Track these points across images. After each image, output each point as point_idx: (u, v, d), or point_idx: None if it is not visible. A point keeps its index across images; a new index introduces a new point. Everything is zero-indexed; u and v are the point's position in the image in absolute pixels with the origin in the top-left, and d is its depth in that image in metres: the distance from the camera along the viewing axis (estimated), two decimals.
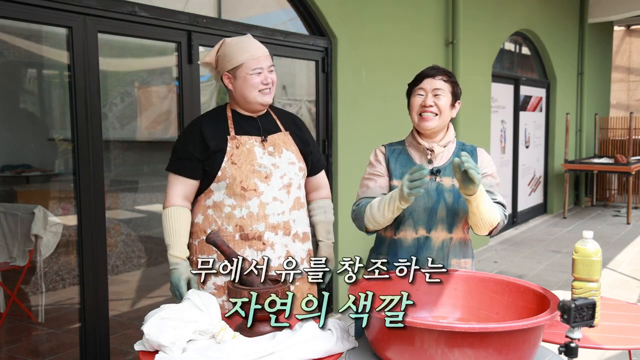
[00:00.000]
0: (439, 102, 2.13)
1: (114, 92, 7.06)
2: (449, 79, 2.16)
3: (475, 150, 2.21)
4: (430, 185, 2.12)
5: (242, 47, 2.26)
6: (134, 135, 7.49)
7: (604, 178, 10.36)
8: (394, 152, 2.22)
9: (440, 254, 2.13)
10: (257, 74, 2.24)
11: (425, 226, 2.13)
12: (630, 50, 14.12)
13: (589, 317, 1.58)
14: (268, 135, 2.31)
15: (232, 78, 2.27)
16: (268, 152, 2.28)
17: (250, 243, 2.24)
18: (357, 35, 4.71)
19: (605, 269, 5.81)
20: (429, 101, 2.13)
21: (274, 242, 2.26)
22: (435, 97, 2.13)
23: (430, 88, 2.14)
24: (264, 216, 2.24)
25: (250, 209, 2.23)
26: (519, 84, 8.12)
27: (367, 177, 2.23)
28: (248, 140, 2.28)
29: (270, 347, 1.64)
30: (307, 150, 2.41)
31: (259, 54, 2.26)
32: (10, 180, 5.84)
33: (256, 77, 2.24)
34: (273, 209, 2.26)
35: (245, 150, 2.25)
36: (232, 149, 2.25)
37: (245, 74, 2.24)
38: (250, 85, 2.25)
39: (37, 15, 2.79)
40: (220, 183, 2.25)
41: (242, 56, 2.24)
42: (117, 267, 5.66)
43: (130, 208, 7.00)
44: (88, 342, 3.08)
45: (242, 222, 2.24)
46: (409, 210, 2.12)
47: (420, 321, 1.51)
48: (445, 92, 2.14)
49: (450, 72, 2.21)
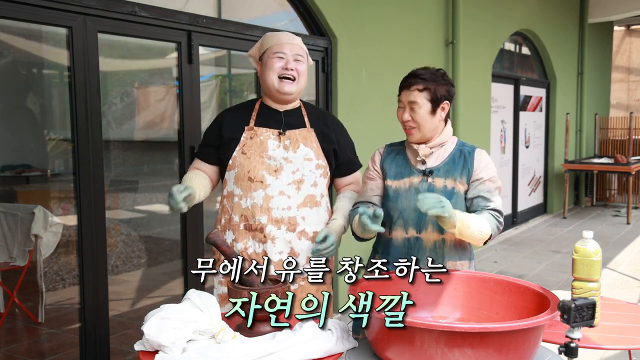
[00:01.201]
0: (415, 116, 2.09)
1: (113, 92, 7.06)
2: (425, 86, 2.06)
3: (473, 151, 2.17)
4: (422, 186, 2.12)
5: (272, 35, 2.33)
6: (134, 135, 7.49)
7: (604, 178, 10.36)
8: (392, 153, 2.24)
9: (433, 255, 2.12)
10: (279, 57, 2.26)
11: (415, 227, 2.13)
12: (630, 50, 14.12)
13: (589, 317, 1.58)
14: (289, 129, 2.30)
15: (262, 65, 2.32)
16: (283, 145, 2.27)
17: (253, 234, 2.26)
18: (357, 35, 4.71)
19: (605, 269, 5.81)
20: (405, 116, 2.11)
21: (275, 236, 2.25)
22: (412, 110, 2.09)
23: (406, 100, 2.10)
24: (268, 209, 2.24)
25: (255, 200, 2.24)
26: (519, 84, 8.12)
27: (364, 179, 2.30)
28: (264, 132, 2.28)
29: (270, 347, 1.64)
30: (330, 148, 2.37)
31: (284, 41, 2.29)
32: (10, 180, 5.84)
33: (277, 61, 2.25)
34: (278, 202, 2.24)
35: (258, 141, 2.26)
36: (246, 139, 2.27)
37: (268, 57, 2.28)
38: (270, 68, 2.26)
39: (37, 15, 2.79)
40: (231, 172, 2.29)
41: (269, 42, 2.30)
42: (117, 267, 5.66)
43: (130, 208, 7.00)
44: (88, 342, 3.08)
45: (247, 212, 2.25)
46: (400, 210, 2.14)
47: (420, 321, 1.51)
48: (422, 102, 2.07)
49: (430, 75, 2.09)
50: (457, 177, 2.12)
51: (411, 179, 2.15)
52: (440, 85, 2.08)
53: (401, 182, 2.17)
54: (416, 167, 2.16)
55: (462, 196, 2.12)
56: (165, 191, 5.81)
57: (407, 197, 2.13)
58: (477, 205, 2.09)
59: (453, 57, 6.01)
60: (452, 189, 2.11)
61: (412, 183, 2.14)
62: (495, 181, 2.15)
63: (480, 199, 2.10)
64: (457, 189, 2.11)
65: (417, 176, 2.14)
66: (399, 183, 2.17)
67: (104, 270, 3.10)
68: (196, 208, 3.57)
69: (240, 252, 2.25)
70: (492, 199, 2.11)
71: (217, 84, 6.68)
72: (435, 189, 2.11)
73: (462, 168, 2.13)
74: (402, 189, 2.15)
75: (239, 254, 2.09)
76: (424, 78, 2.07)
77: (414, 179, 2.14)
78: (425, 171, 2.13)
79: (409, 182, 2.15)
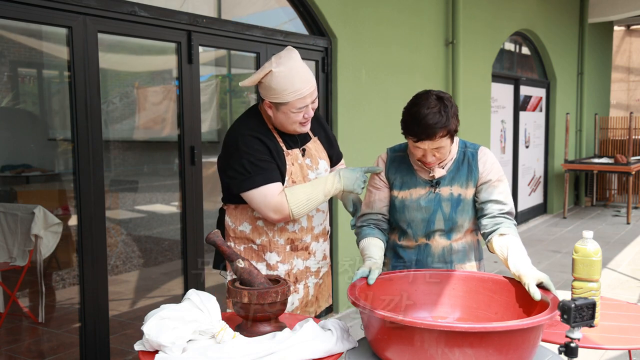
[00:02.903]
0: (441, 155, 2.05)
1: (113, 92, 7.06)
2: (447, 130, 1.98)
3: (476, 153, 2.14)
4: (429, 196, 2.12)
5: (289, 83, 2.10)
6: (134, 135, 7.49)
7: (604, 178, 10.36)
8: (395, 161, 2.20)
9: (441, 258, 2.14)
10: (299, 110, 2.15)
11: (424, 235, 2.15)
12: (630, 50, 14.12)
13: (589, 317, 1.58)
14: (303, 144, 2.31)
15: (274, 109, 2.17)
16: (307, 165, 2.28)
17: (299, 254, 2.30)
18: (357, 36, 4.71)
19: (605, 269, 5.81)
20: (429, 159, 2.04)
21: (316, 250, 2.35)
22: (437, 152, 2.03)
23: (430, 148, 2.01)
24: (311, 228, 2.31)
25: (302, 224, 2.28)
26: (519, 84, 8.12)
27: (369, 188, 2.25)
28: (299, 156, 2.27)
29: (270, 347, 1.64)
30: (332, 152, 2.46)
31: (306, 92, 2.13)
32: (10, 180, 5.84)
33: (299, 115, 2.16)
34: (318, 220, 2.34)
35: (297, 166, 2.25)
36: (290, 166, 2.23)
37: (289, 110, 2.14)
38: (292, 121, 2.18)
39: (37, 15, 2.79)
40: None
41: (289, 95, 2.11)
42: (117, 267, 5.66)
43: (130, 208, 7.00)
44: (88, 342, 3.08)
45: (294, 236, 2.28)
46: (407, 221, 2.15)
47: (420, 321, 1.51)
48: (445, 143, 2.01)
49: (445, 117, 1.97)
50: (463, 183, 2.11)
51: (417, 190, 2.13)
52: (452, 119, 2.00)
53: (407, 192, 2.14)
54: (422, 177, 2.14)
55: (469, 202, 2.12)
56: (165, 191, 5.85)
57: (415, 208, 2.12)
58: (491, 210, 2.07)
59: (453, 57, 6.01)
60: (458, 195, 2.10)
61: (419, 194, 2.13)
62: (503, 179, 2.14)
63: (494, 203, 2.08)
64: (463, 195, 2.11)
65: (424, 187, 2.13)
66: (405, 194, 2.14)
67: (104, 270, 3.10)
68: (196, 208, 3.57)
69: (286, 272, 2.27)
70: (506, 202, 2.09)
71: (217, 84, 6.68)
72: (442, 197, 2.11)
73: (468, 173, 2.11)
74: (408, 200, 2.13)
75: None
76: (444, 125, 1.96)
77: (421, 190, 2.13)
78: (432, 182, 2.12)
79: (416, 193, 2.13)
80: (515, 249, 1.95)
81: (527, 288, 1.77)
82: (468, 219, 2.13)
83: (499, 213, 2.07)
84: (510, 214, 2.09)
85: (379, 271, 1.94)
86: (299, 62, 2.15)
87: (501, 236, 2.01)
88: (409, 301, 1.93)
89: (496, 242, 2.01)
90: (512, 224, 2.06)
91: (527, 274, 1.81)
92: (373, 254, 2.05)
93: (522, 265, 1.87)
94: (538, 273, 1.81)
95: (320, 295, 2.43)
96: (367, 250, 2.08)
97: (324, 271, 2.42)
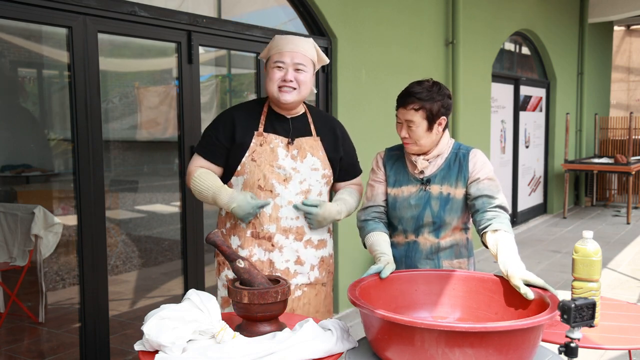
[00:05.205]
0: (412, 134, 2.10)
1: (113, 92, 7.06)
2: (421, 106, 2.06)
3: (468, 153, 2.18)
4: (419, 194, 2.16)
5: (277, 41, 2.24)
6: (134, 135, 7.50)
7: (604, 178, 10.36)
8: (392, 158, 2.26)
9: (430, 255, 2.18)
10: (278, 67, 2.20)
11: (414, 232, 2.19)
12: (630, 50, 14.13)
13: (589, 317, 1.58)
14: (296, 137, 2.28)
15: (266, 71, 2.27)
16: (291, 155, 2.24)
17: (260, 242, 2.24)
18: (357, 36, 4.71)
19: (605, 269, 5.81)
20: (403, 133, 2.13)
21: (283, 245, 2.25)
22: (409, 127, 2.10)
23: (403, 118, 2.11)
24: (277, 218, 2.23)
25: (264, 209, 2.22)
26: (519, 84, 8.12)
27: (371, 183, 2.29)
28: (274, 140, 2.24)
29: (270, 347, 1.64)
30: (336, 158, 2.36)
31: (286, 49, 2.20)
32: (10, 180, 5.85)
33: (277, 72, 2.20)
34: (287, 212, 2.24)
35: (268, 149, 2.23)
36: (256, 145, 2.23)
37: (269, 66, 2.23)
38: (269, 78, 2.22)
39: (37, 15, 2.79)
40: (239, 178, 2.25)
41: (272, 49, 2.24)
42: (117, 267, 5.66)
43: (130, 208, 7.00)
44: (88, 342, 3.08)
45: (255, 221, 2.23)
46: (398, 218, 2.20)
47: (421, 321, 1.51)
48: (418, 121, 2.08)
49: (426, 92, 2.07)
50: (453, 182, 2.15)
51: (409, 187, 2.19)
52: (436, 102, 2.07)
53: (399, 190, 2.20)
54: (414, 176, 2.19)
55: (458, 201, 2.15)
56: (165, 191, 5.86)
57: (405, 205, 2.18)
58: (481, 205, 2.09)
59: (453, 57, 6.01)
60: (447, 194, 2.15)
61: (410, 192, 2.18)
62: (493, 179, 2.16)
63: (485, 198, 2.10)
64: (452, 194, 2.14)
65: (415, 185, 2.18)
66: (397, 191, 2.21)
67: (104, 270, 3.10)
68: (196, 208, 3.57)
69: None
70: (496, 196, 2.11)
71: (217, 84, 6.68)
72: (432, 195, 2.14)
73: (458, 173, 2.15)
74: (400, 197, 2.19)
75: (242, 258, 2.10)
76: (419, 98, 2.06)
77: (412, 188, 2.18)
78: (423, 180, 2.17)
79: (407, 191, 2.19)
80: (504, 247, 1.95)
81: (518, 289, 1.78)
82: (456, 218, 2.16)
83: (490, 207, 2.08)
84: (502, 207, 2.09)
85: (393, 267, 1.96)
86: (298, 36, 2.27)
87: (494, 232, 2.02)
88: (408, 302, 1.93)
89: (489, 239, 2.02)
90: (505, 218, 2.06)
91: (515, 274, 1.81)
92: (385, 250, 2.08)
93: (510, 265, 1.86)
94: (525, 273, 1.81)
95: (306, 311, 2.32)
96: (379, 246, 2.10)
97: (303, 282, 2.29)
